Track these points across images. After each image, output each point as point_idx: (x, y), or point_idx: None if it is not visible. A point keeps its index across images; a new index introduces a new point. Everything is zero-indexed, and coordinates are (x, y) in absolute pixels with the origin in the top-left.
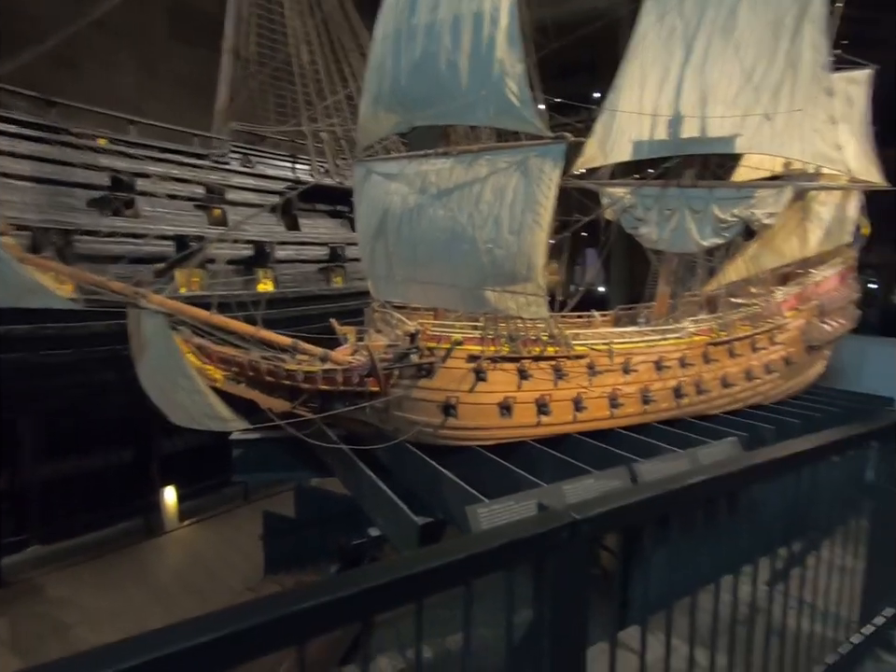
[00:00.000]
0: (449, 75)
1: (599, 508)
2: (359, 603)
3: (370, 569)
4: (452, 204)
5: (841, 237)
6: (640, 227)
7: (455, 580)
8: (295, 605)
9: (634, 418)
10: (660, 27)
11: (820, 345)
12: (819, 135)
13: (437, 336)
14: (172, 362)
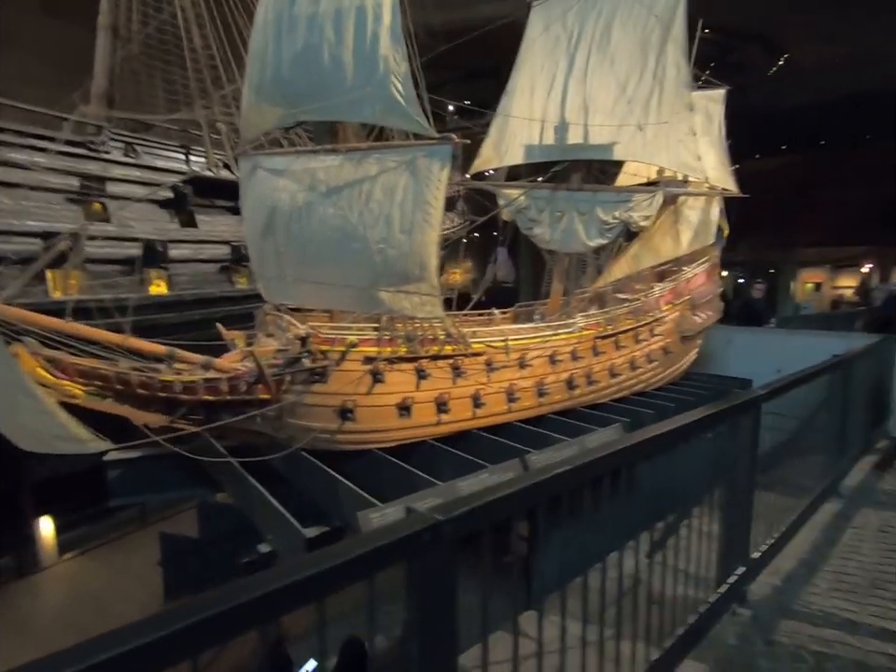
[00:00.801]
0: (333, 69)
1: (464, 507)
2: (203, 629)
3: (221, 592)
4: (342, 203)
5: (706, 238)
6: (534, 227)
7: (309, 596)
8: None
9: (530, 411)
10: (546, 36)
11: (693, 335)
12: (683, 146)
13: (330, 339)
14: (9, 379)
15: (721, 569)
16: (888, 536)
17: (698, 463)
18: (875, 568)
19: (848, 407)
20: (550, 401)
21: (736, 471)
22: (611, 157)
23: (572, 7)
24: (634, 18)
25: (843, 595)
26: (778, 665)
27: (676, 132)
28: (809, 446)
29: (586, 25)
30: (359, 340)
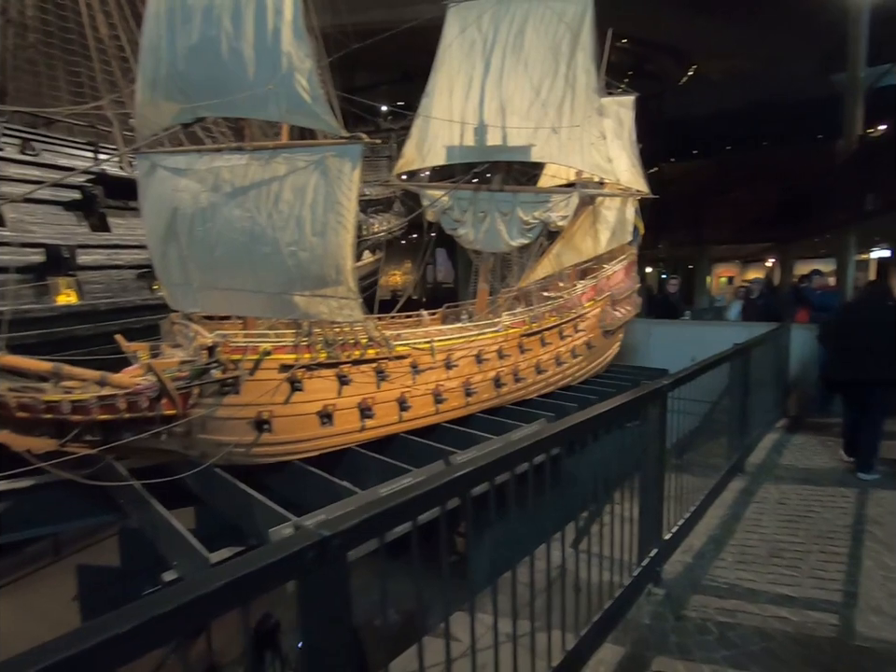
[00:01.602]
0: (233, 63)
1: (352, 520)
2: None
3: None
4: (249, 204)
5: (624, 237)
6: (458, 228)
7: (183, 626)
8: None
9: (458, 411)
10: (462, 39)
11: (614, 329)
12: (595, 149)
13: (242, 347)
14: None
15: (638, 553)
16: (785, 507)
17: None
18: (773, 539)
19: (749, 391)
20: (477, 400)
21: (648, 457)
22: (529, 158)
23: (486, 11)
24: (545, 24)
25: (745, 567)
26: (686, 640)
27: (588, 135)
28: (717, 428)
29: (500, 29)
30: (274, 347)
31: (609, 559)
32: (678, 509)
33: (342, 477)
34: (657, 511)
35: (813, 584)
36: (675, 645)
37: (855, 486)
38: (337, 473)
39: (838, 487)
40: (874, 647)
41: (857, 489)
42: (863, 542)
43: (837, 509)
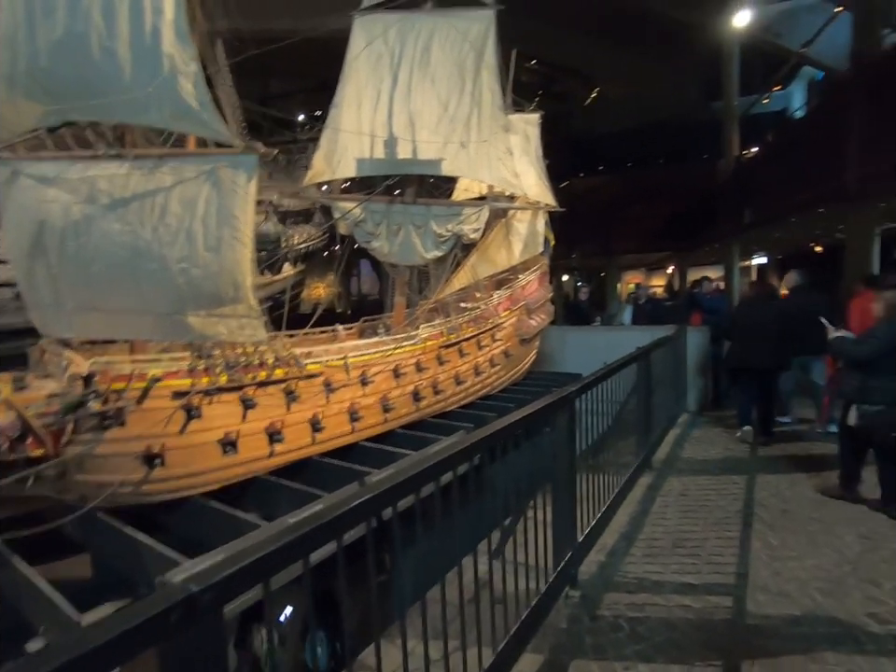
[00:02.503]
0: (106, 64)
1: (228, 569)
2: None
3: None
4: (131, 217)
5: (536, 248)
6: (372, 241)
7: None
8: None
9: (376, 429)
10: (369, 51)
11: (530, 338)
12: (502, 163)
13: (127, 375)
14: None
15: (554, 557)
16: (686, 498)
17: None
18: (676, 530)
19: (652, 391)
20: (396, 416)
21: (559, 463)
22: (439, 172)
23: (392, 26)
24: (450, 42)
25: (652, 559)
26: (601, 639)
27: (495, 150)
28: (627, 428)
29: (406, 44)
30: (166, 373)
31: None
32: (591, 509)
33: (249, 509)
34: (571, 513)
35: (711, 570)
36: (590, 646)
37: (744, 473)
38: (244, 505)
39: (730, 475)
40: (760, 623)
41: (745, 475)
42: (752, 525)
43: (730, 496)
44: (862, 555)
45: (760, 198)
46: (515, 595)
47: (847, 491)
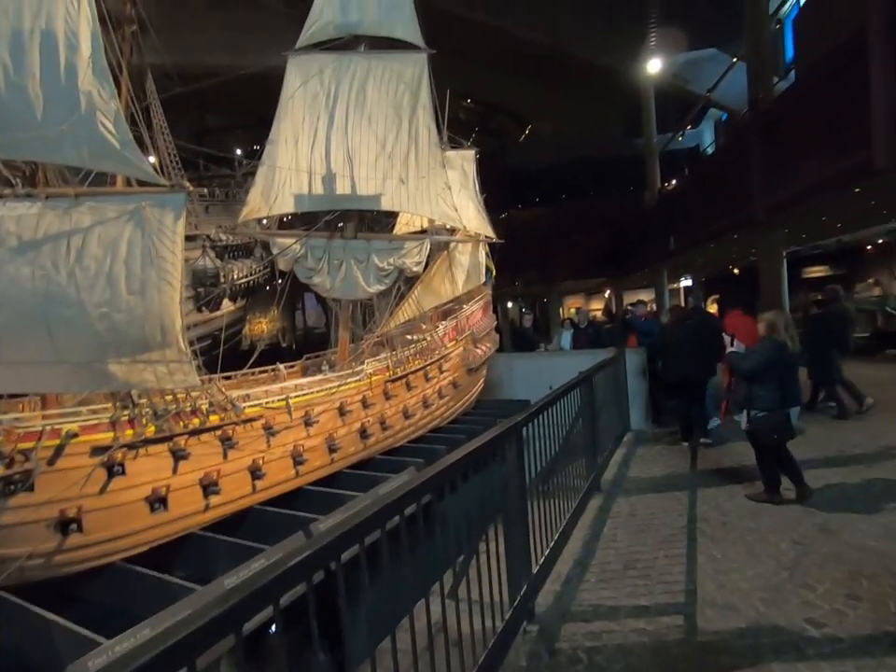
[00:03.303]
0: (15, 100)
1: (151, 651)
2: None
3: None
4: (43, 261)
5: (478, 278)
6: (314, 276)
7: None
8: None
9: (322, 471)
10: (305, 90)
11: (477, 367)
12: (441, 198)
13: (37, 432)
14: None
15: (510, 591)
16: (635, 518)
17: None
18: (627, 551)
19: (597, 413)
20: (343, 456)
21: (510, 494)
22: (379, 207)
23: (328, 66)
24: (386, 83)
25: (606, 584)
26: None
27: (434, 185)
28: (575, 451)
29: (342, 84)
30: (84, 427)
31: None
32: (544, 537)
33: (182, 569)
34: (524, 544)
35: (662, 590)
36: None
37: (686, 488)
38: (176, 566)
39: (674, 492)
40: (711, 640)
41: (688, 491)
42: (696, 540)
43: (675, 512)
44: (797, 561)
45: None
46: (472, 637)
47: (771, 494)
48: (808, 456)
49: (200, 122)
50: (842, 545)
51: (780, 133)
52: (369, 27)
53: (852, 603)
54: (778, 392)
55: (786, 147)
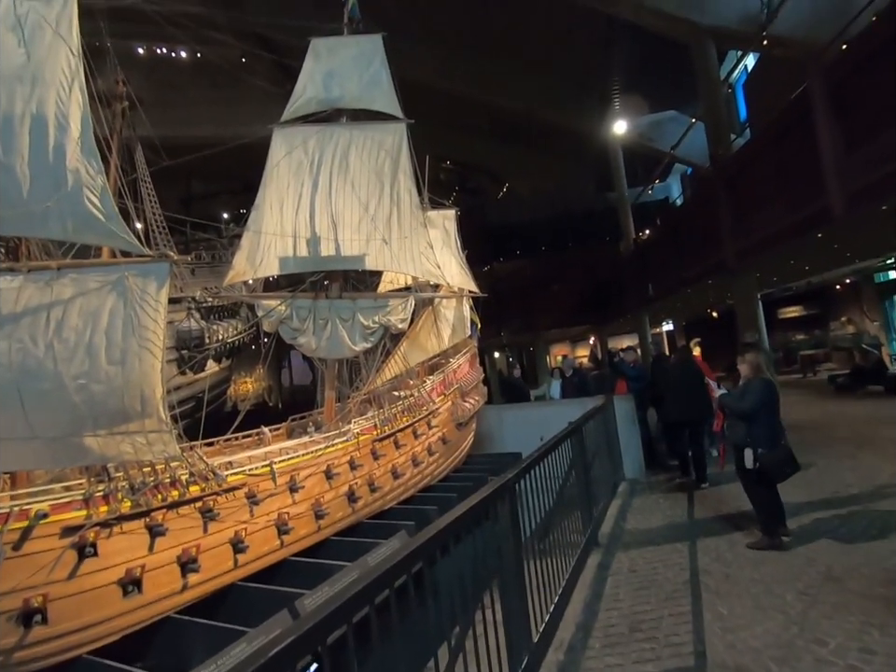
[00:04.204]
0: (2, 179)
1: None
2: None
3: None
4: (21, 334)
5: (463, 332)
6: (298, 337)
7: None
8: None
9: (308, 539)
10: (289, 159)
11: (466, 421)
12: (424, 257)
13: (4, 514)
14: None
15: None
16: (636, 575)
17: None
18: (631, 612)
19: (590, 464)
20: (330, 522)
21: (505, 557)
22: (363, 267)
23: (311, 137)
24: (367, 150)
25: (612, 650)
26: None
27: (417, 245)
28: (570, 504)
29: (325, 152)
30: (54, 506)
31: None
32: (544, 600)
33: (155, 658)
34: (523, 610)
35: (670, 653)
36: None
37: (686, 539)
38: (149, 655)
39: (674, 544)
40: None
41: (687, 542)
42: (701, 595)
43: (676, 566)
44: (805, 613)
45: (658, 273)
46: None
47: (771, 538)
48: (800, 499)
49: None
50: (849, 594)
51: (741, 185)
52: (350, 101)
53: (866, 657)
54: (775, 429)
55: (748, 197)
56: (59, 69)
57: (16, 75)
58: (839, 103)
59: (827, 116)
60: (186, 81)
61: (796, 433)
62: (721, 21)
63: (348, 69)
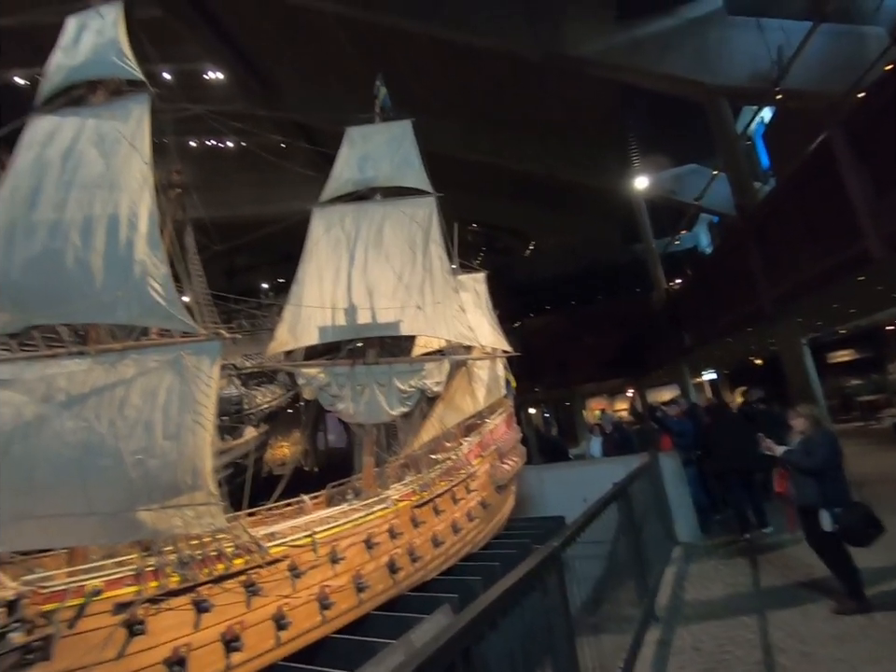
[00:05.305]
0: (78, 272)
1: None
2: None
3: None
4: (87, 413)
5: (498, 391)
6: (337, 403)
7: None
8: None
9: (349, 615)
10: (328, 236)
11: (506, 483)
12: (457, 320)
13: (61, 592)
14: None
15: None
16: (700, 654)
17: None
18: None
19: (639, 527)
20: (371, 595)
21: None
22: (399, 332)
23: (348, 214)
24: (400, 224)
25: None
26: None
27: (449, 309)
28: (621, 571)
29: (361, 228)
30: (107, 582)
31: None
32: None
33: None
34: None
35: None
36: None
37: (754, 612)
38: None
39: (740, 617)
40: None
41: (756, 615)
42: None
43: (745, 643)
44: None
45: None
46: None
47: (858, 601)
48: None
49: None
50: None
51: (771, 231)
52: (383, 180)
53: None
54: (846, 484)
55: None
56: (132, 176)
57: (96, 182)
58: (861, 149)
59: (851, 163)
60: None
61: (863, 488)
62: (733, 80)
63: (381, 152)
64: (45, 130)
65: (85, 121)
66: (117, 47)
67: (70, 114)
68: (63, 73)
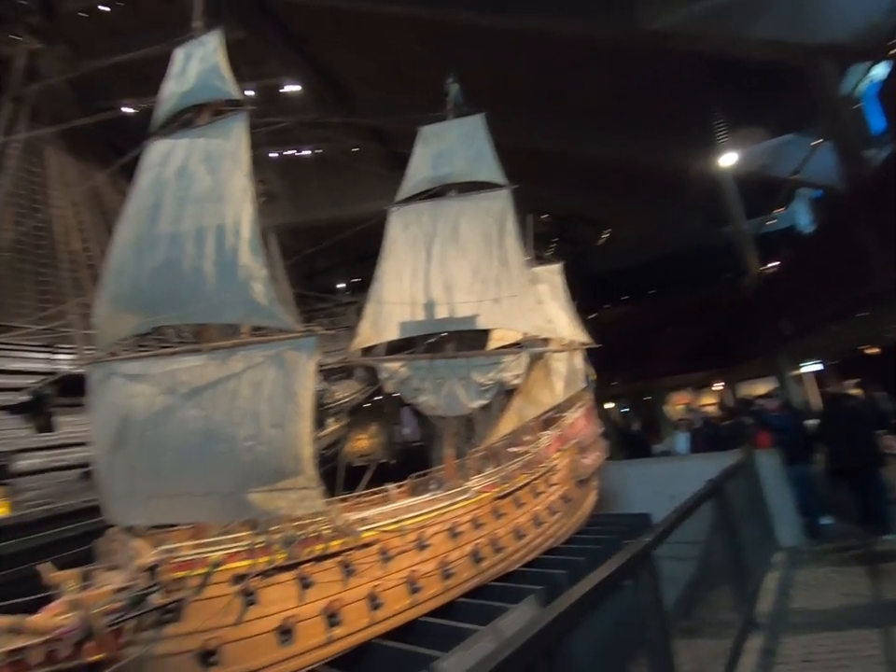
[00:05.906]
0: (194, 278)
1: None
2: None
3: None
4: (205, 403)
5: (577, 384)
6: (419, 396)
7: None
8: None
9: (437, 599)
10: (406, 234)
11: (587, 478)
12: (534, 313)
13: (189, 561)
14: None
15: None
16: (812, 667)
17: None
18: None
19: (736, 528)
20: (457, 582)
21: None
22: (476, 326)
23: (425, 212)
24: (476, 219)
25: None
26: None
27: (526, 302)
28: (716, 573)
29: (437, 225)
30: (226, 555)
31: None
32: None
33: None
34: None
35: None
36: None
37: (875, 625)
38: None
39: (859, 630)
40: None
41: (878, 628)
42: None
43: (866, 658)
44: None
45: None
46: None
47: None
48: None
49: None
50: None
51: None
52: (458, 176)
53: None
54: None
55: None
56: (235, 187)
57: (206, 196)
58: None
59: None
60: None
61: None
62: (837, 37)
63: (454, 148)
64: (161, 152)
65: (194, 142)
66: (218, 71)
67: (181, 136)
68: (174, 100)
